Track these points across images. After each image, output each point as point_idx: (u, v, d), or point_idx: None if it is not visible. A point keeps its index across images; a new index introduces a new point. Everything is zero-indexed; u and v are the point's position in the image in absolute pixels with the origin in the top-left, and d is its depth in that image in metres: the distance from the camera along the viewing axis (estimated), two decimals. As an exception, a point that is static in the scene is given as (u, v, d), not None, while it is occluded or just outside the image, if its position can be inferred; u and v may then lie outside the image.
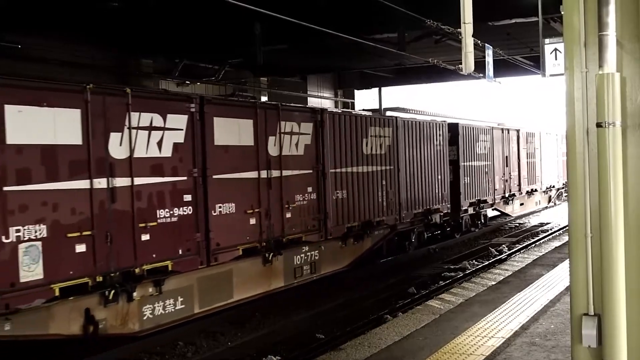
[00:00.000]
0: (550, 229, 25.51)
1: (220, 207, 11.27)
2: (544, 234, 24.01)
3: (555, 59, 11.96)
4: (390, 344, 8.71)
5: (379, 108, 28.39)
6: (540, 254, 16.45)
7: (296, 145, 13.38)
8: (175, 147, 10.44)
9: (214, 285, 11.32)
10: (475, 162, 22.57)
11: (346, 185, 14.99)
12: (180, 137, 10.54)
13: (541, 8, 12.15)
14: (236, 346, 11.11)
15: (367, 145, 15.88)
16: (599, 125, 3.95)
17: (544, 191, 30.83)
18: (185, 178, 10.60)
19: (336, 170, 14.61)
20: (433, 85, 31.70)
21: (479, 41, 12.76)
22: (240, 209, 11.73)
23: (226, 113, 11.61)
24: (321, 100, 25.60)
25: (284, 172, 12.86)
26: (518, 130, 27.17)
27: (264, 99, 21.48)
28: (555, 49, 12.00)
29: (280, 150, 12.80)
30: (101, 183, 9.23)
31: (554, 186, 32.18)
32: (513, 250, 20.27)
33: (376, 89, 28.71)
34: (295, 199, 13.23)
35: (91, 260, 9.04)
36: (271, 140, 12.58)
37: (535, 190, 29.32)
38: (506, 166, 25.53)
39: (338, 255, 14.98)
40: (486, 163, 23.54)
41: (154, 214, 10.00)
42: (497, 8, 14.83)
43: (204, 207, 10.88)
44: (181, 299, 10.65)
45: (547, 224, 27.76)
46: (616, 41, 3.95)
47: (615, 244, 3.94)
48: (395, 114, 22.29)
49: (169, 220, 10.25)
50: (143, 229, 9.79)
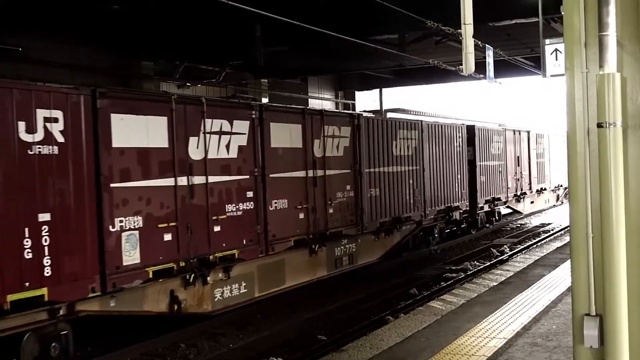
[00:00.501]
0: (552, 230, 25.51)
1: (275, 203, 12.65)
2: (546, 235, 24.01)
3: (556, 60, 11.94)
4: (392, 345, 8.73)
5: (379, 109, 28.39)
6: (542, 255, 16.45)
7: (337, 147, 14.77)
8: (240, 149, 11.82)
9: (270, 272, 12.68)
10: (490, 162, 23.52)
11: (379, 184, 16.22)
12: (244, 141, 11.92)
13: (541, 8, 12.14)
14: (238, 348, 11.13)
15: (397, 147, 17.14)
16: (599, 125, 3.94)
17: (553, 190, 31.53)
18: (247, 177, 11.97)
19: (370, 170, 15.87)
20: (434, 86, 31.67)
21: (480, 42, 12.79)
22: (291, 205, 13.09)
23: (280, 119, 12.97)
24: (322, 101, 25.60)
25: (327, 172, 14.25)
26: (528, 132, 28.08)
27: (265, 100, 21.49)
28: (556, 50, 11.98)
29: (324, 151, 14.20)
30: (183, 181, 10.57)
31: (561, 185, 32.49)
32: (514, 251, 20.28)
33: (377, 90, 28.71)
34: (337, 196, 14.61)
35: (176, 248, 10.38)
36: (316, 142, 13.95)
37: (545, 189, 30.13)
38: (518, 166, 26.37)
39: (372, 248, 16.24)
40: (500, 163, 24.42)
41: (223, 208, 11.39)
42: (498, 9, 14.83)
43: (262, 203, 12.27)
44: (244, 284, 12.00)
45: (549, 224, 27.78)
46: (616, 41, 3.94)
47: (617, 244, 3.94)
48: (398, 116, 22.40)
49: (235, 213, 11.62)
50: (215, 221, 11.17)
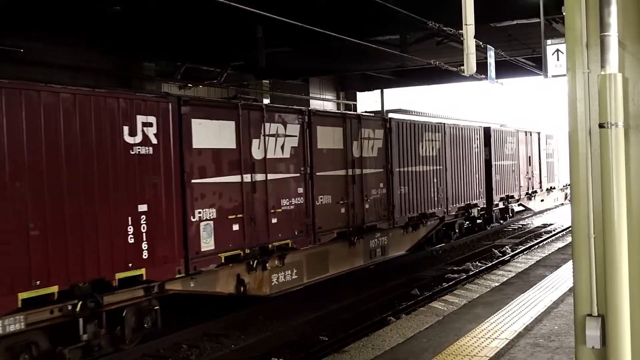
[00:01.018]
0: (554, 230, 25.50)
1: (321, 198, 13.96)
2: (548, 235, 23.99)
3: (557, 60, 11.92)
4: (393, 345, 8.73)
5: (381, 110, 28.36)
6: (544, 255, 16.44)
7: (372, 148, 15.99)
8: (292, 150, 13.14)
9: (316, 260, 14.00)
10: (504, 162, 24.62)
11: (407, 182, 17.50)
12: (295, 142, 13.23)
13: (543, 9, 12.13)
14: (239, 349, 11.12)
15: (423, 148, 18.43)
16: (601, 126, 3.94)
17: (561, 189, 32.21)
18: (298, 175, 13.32)
19: (400, 169, 17.14)
20: (434, 86, 31.68)
21: (481, 42, 12.78)
22: (334, 200, 14.42)
23: (325, 122, 14.25)
24: (323, 102, 25.59)
25: (364, 171, 15.52)
26: (539, 133, 29.02)
27: (266, 101, 21.48)
28: (557, 50, 11.95)
29: (361, 152, 15.46)
30: (247, 178, 11.90)
31: (569, 184, 32.68)
32: (516, 252, 20.26)
33: (378, 91, 28.70)
34: (372, 193, 15.87)
35: (242, 237, 11.70)
36: (355, 144, 15.22)
37: (554, 187, 31.02)
38: (529, 165, 27.44)
39: (401, 241, 17.49)
40: (513, 162, 25.48)
41: (279, 202, 12.72)
42: (499, 9, 14.82)
43: (311, 198, 13.58)
44: (295, 271, 13.30)
45: (551, 224, 27.77)
46: (618, 42, 3.93)
47: (619, 244, 3.94)
48: (398, 116, 22.37)
49: (288, 207, 12.95)
50: (273, 214, 12.49)
